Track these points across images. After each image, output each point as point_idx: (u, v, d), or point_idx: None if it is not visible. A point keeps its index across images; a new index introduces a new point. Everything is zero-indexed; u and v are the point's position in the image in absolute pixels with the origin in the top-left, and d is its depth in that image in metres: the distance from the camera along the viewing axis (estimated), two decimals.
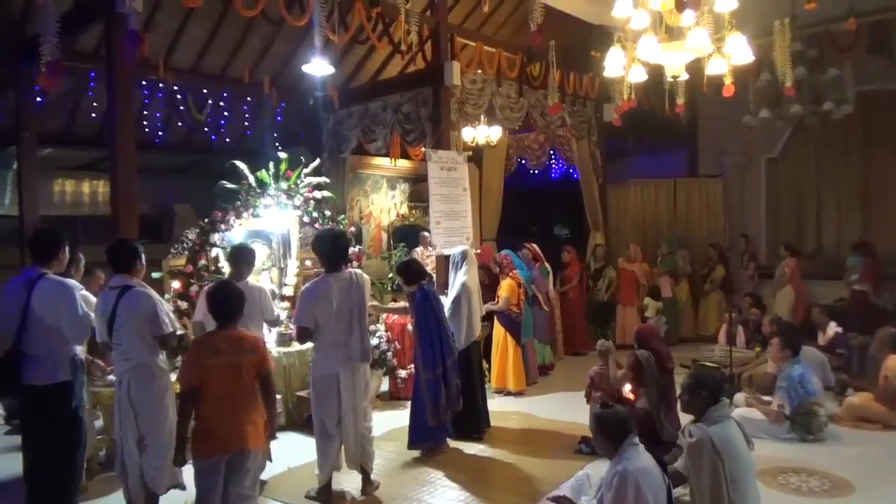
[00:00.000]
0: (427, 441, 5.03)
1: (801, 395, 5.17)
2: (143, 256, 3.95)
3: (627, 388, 4.91)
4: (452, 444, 5.21)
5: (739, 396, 5.66)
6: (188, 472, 4.04)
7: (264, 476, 4.52)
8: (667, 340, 7.58)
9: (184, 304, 5.41)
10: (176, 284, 5.52)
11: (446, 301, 5.46)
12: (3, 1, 6.44)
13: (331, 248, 4.26)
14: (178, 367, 4.21)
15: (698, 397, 3.35)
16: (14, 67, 6.54)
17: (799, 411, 5.17)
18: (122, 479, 3.81)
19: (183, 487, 4.07)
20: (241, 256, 4.61)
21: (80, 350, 3.87)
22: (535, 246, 7.91)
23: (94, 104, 7.56)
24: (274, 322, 4.79)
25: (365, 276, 4.36)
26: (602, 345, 5.47)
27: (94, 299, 3.89)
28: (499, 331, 6.87)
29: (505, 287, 6.81)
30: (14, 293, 3.65)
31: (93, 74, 7.13)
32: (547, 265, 8.06)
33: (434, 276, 6.90)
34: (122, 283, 3.78)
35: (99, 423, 5.00)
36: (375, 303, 6.04)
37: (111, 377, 4.82)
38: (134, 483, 3.78)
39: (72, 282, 3.78)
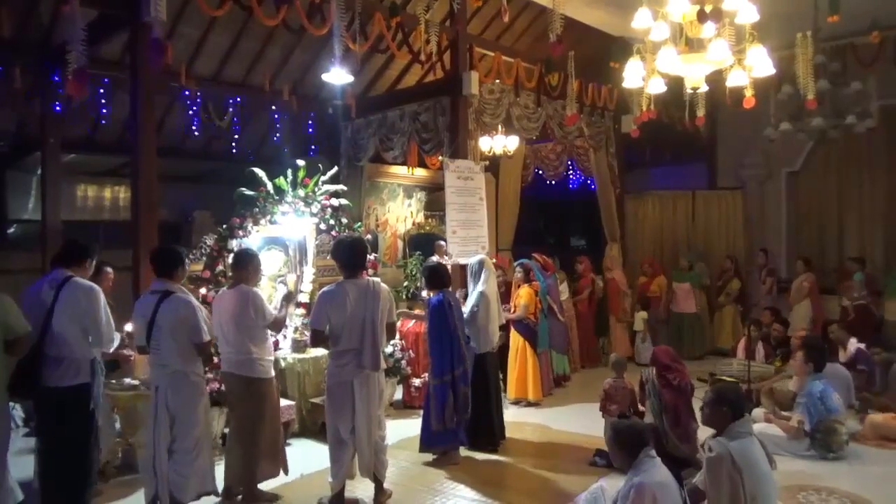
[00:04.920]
0: (435, 445, 5.05)
1: (822, 411, 5.10)
2: (186, 262, 4.01)
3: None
4: (466, 453, 5.20)
5: (758, 411, 5.58)
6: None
7: (276, 484, 4.55)
8: (688, 355, 7.55)
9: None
10: (204, 291, 5.55)
11: (465, 309, 5.46)
12: (31, 10, 6.59)
13: (349, 254, 4.28)
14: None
15: (718, 412, 3.33)
16: (40, 75, 6.68)
17: (819, 428, 5.10)
18: (152, 485, 3.81)
19: (217, 494, 4.08)
20: (235, 262, 4.54)
21: (110, 350, 3.94)
22: (543, 256, 7.88)
23: (118, 111, 7.68)
24: (272, 325, 4.38)
25: (383, 285, 4.36)
26: (615, 357, 5.47)
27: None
28: (517, 339, 6.85)
29: (523, 295, 6.79)
30: (39, 294, 3.70)
31: (115, 82, 7.25)
32: (558, 275, 8.06)
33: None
34: (164, 288, 3.82)
35: (116, 425, 5.04)
36: (403, 310, 6.05)
37: (128, 380, 4.88)
38: (163, 490, 3.78)
39: (98, 287, 3.84)
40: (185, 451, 3.80)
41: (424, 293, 5.73)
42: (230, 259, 4.94)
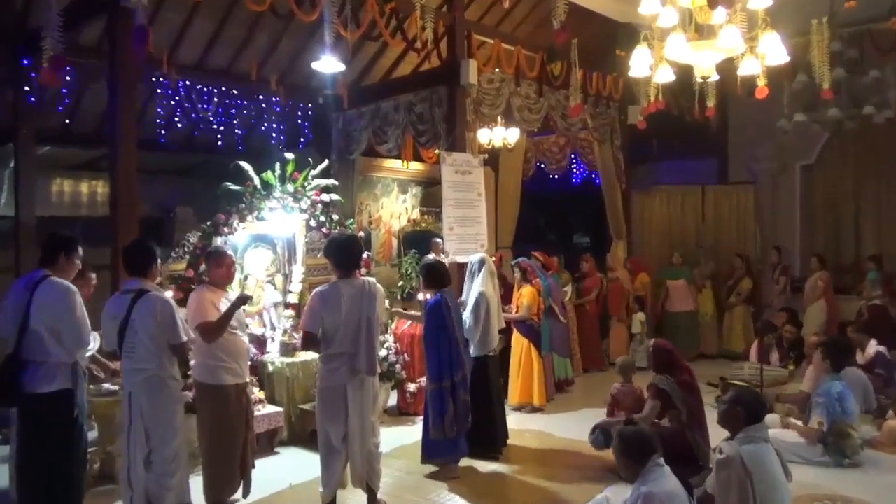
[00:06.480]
0: (436, 457, 5.04)
1: (839, 413, 5.11)
2: (159, 259, 3.98)
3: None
4: (467, 462, 5.20)
5: (772, 417, 5.59)
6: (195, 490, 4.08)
7: (264, 494, 4.55)
8: (686, 356, 7.57)
9: (184, 311, 5.45)
10: (170, 293, 5.54)
11: (464, 312, 5.47)
12: None
13: (343, 253, 4.28)
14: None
15: (732, 412, 3.38)
16: (13, 62, 6.65)
17: (830, 431, 5.12)
18: (128, 496, 3.79)
19: None
20: (204, 260, 4.50)
21: (86, 355, 3.91)
22: (543, 254, 7.89)
23: (95, 101, 7.65)
24: (199, 329, 4.09)
25: (379, 286, 4.38)
26: (623, 361, 5.48)
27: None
28: (520, 342, 6.85)
29: (526, 294, 6.80)
30: (15, 296, 3.68)
31: (94, 70, 7.22)
32: (561, 275, 8.09)
33: None
34: (138, 286, 3.78)
35: (93, 433, 5.03)
36: (397, 309, 6.02)
37: (107, 385, 4.87)
38: (138, 502, 3.77)
39: (75, 287, 3.80)
40: (165, 461, 3.78)
41: (420, 296, 5.73)
42: None
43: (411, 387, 6.57)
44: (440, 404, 4.87)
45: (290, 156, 6.24)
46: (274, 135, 8.92)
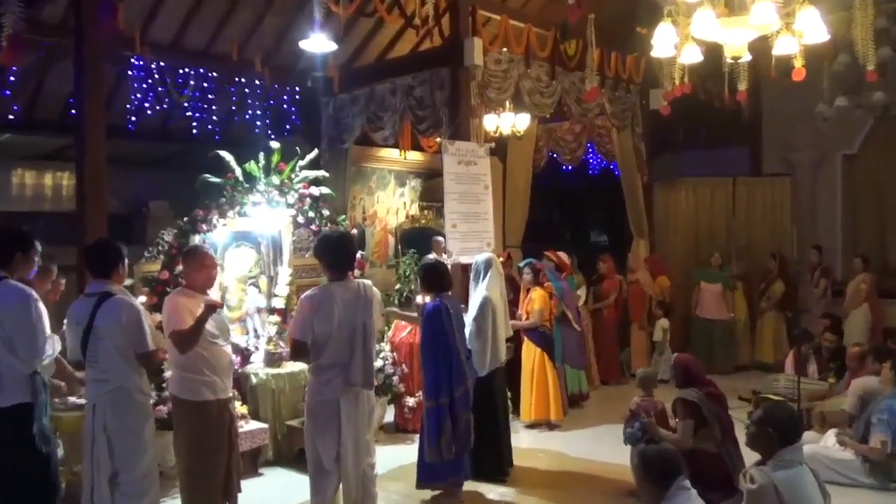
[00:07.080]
0: (433, 481, 5.02)
1: None
2: (125, 259, 3.98)
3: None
4: (471, 486, 5.19)
5: (809, 434, 5.58)
6: None
7: None
8: (716, 369, 7.57)
9: (159, 317, 5.45)
10: (143, 298, 5.54)
11: (466, 318, 5.46)
12: None
13: (336, 252, 4.26)
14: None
15: (762, 433, 3.34)
16: None
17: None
18: None
19: None
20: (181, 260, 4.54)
21: (49, 365, 3.90)
22: (560, 254, 7.89)
23: (60, 84, 7.67)
24: (172, 337, 4.02)
25: (375, 289, 4.36)
26: (643, 373, 5.49)
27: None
28: (531, 351, 6.86)
29: (537, 299, 6.80)
30: None
31: (58, 50, 7.23)
32: (575, 277, 8.10)
33: None
34: (102, 289, 3.77)
35: (59, 452, 5.03)
36: (393, 309, 6.01)
37: (72, 399, 4.87)
38: None
39: (33, 291, 3.79)
40: (134, 482, 3.78)
41: (420, 298, 5.71)
42: None
43: (410, 401, 6.57)
44: (437, 424, 4.82)
45: (275, 145, 6.25)
46: (258, 122, 8.93)
